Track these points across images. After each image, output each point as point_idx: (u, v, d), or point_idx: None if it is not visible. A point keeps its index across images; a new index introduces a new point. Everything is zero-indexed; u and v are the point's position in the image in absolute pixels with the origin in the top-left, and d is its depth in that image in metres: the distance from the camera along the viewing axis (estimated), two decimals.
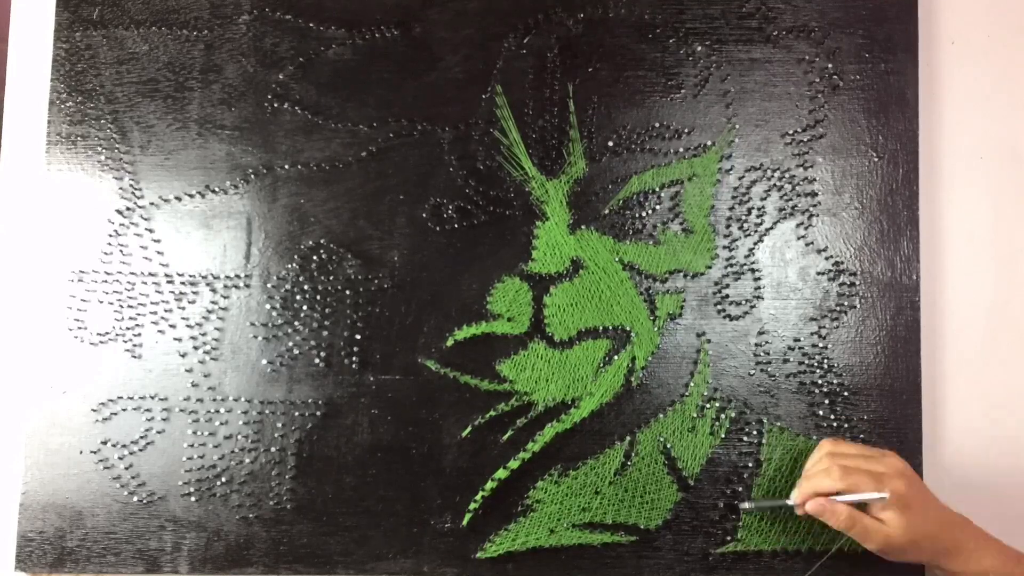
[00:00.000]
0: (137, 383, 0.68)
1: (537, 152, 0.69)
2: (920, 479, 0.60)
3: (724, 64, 0.69)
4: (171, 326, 0.68)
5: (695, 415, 0.67)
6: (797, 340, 0.68)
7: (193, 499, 0.67)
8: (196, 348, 0.68)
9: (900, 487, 0.58)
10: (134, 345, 0.68)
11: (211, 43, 0.70)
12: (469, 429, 0.67)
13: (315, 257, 0.68)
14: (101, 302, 0.69)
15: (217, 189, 0.69)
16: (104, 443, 0.67)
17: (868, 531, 0.59)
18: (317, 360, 0.68)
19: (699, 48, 0.70)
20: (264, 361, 0.68)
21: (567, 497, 0.67)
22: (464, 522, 0.66)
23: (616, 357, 0.67)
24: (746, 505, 0.65)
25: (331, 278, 0.68)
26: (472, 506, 0.66)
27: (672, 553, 0.66)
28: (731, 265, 0.68)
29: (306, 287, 0.68)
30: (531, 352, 0.67)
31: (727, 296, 0.68)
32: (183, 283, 0.69)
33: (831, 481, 0.59)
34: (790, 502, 0.62)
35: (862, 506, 0.59)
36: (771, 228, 0.68)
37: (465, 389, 0.67)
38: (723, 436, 0.67)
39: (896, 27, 0.69)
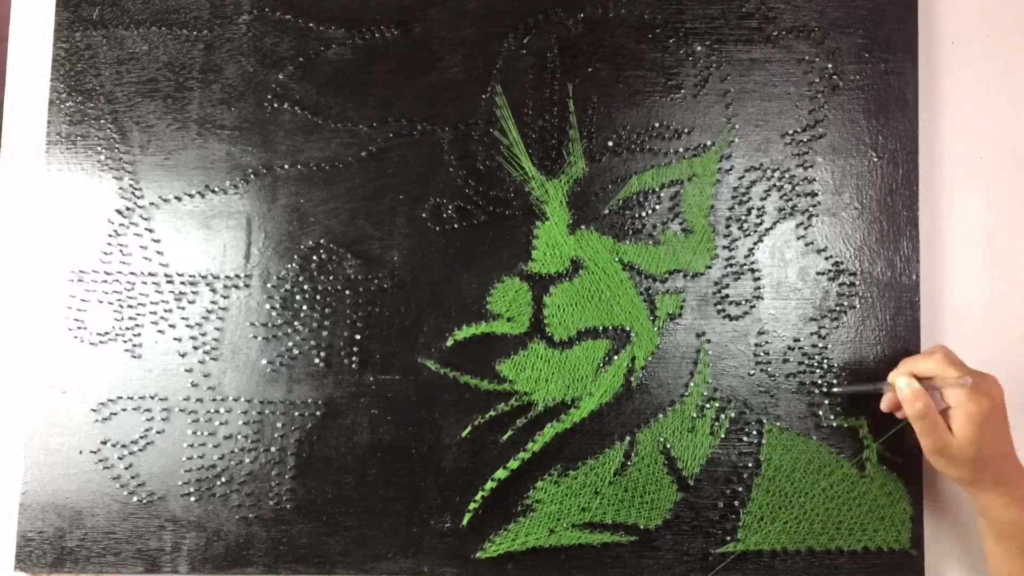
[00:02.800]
0: (137, 383, 0.68)
1: (537, 152, 0.69)
2: (1006, 415, 0.60)
3: (724, 64, 0.69)
4: (171, 326, 0.68)
5: (695, 415, 0.67)
6: (797, 340, 0.68)
7: (193, 499, 0.67)
8: (196, 348, 0.68)
9: (985, 403, 0.58)
10: (134, 345, 0.68)
11: (211, 43, 0.70)
12: (469, 429, 0.67)
13: (315, 257, 0.68)
14: (101, 302, 0.69)
15: (217, 189, 0.69)
16: (104, 443, 0.67)
17: (935, 428, 0.59)
18: (317, 360, 0.68)
19: (699, 48, 0.70)
20: (264, 361, 0.68)
21: (567, 497, 0.67)
22: (464, 522, 0.66)
23: (616, 357, 0.67)
24: (837, 389, 0.66)
25: (331, 278, 0.68)
26: (472, 506, 0.66)
27: (672, 553, 0.66)
28: (731, 265, 0.68)
29: (306, 287, 0.68)
30: (531, 352, 0.67)
31: (727, 296, 0.68)
32: (183, 283, 0.69)
33: (931, 363, 0.60)
34: (887, 381, 0.62)
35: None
36: (771, 228, 0.68)
37: (465, 389, 0.67)
38: (723, 436, 0.67)
39: (896, 27, 0.69)
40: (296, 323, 0.68)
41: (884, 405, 0.64)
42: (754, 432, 0.67)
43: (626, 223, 0.68)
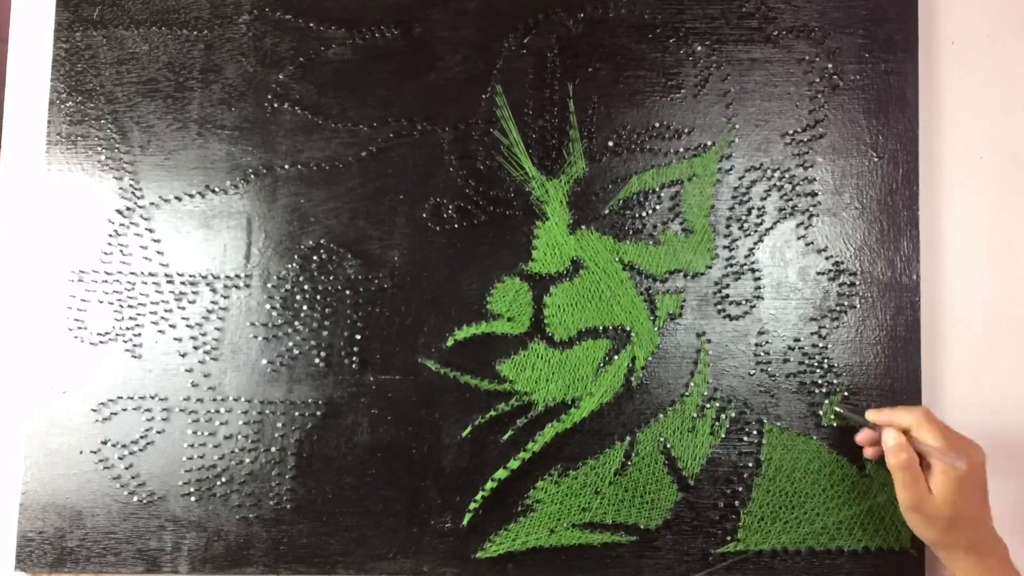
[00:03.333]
0: (137, 383, 0.68)
1: (537, 152, 0.69)
2: (984, 481, 0.60)
3: (724, 64, 0.69)
4: (171, 326, 0.68)
5: (695, 415, 0.67)
6: (797, 340, 0.68)
7: (193, 499, 0.67)
8: (196, 348, 0.68)
9: (966, 468, 0.58)
10: (134, 345, 0.68)
11: (211, 43, 0.70)
12: (469, 429, 0.67)
13: (315, 257, 0.68)
14: (101, 302, 0.69)
15: (217, 189, 0.69)
16: (104, 443, 0.67)
17: (915, 481, 0.58)
18: (317, 360, 0.68)
19: (699, 48, 0.70)
20: (264, 361, 0.68)
21: (567, 497, 0.67)
22: (464, 522, 0.66)
23: (616, 357, 0.67)
24: (837, 409, 0.66)
25: (331, 278, 0.68)
26: (472, 506, 0.66)
27: (672, 553, 0.66)
28: (731, 265, 0.68)
29: (306, 287, 0.68)
30: (531, 352, 0.67)
31: (727, 296, 0.68)
32: (183, 283, 0.69)
33: (912, 420, 0.60)
34: (868, 417, 0.63)
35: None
36: (771, 228, 0.68)
37: (465, 389, 0.67)
38: (723, 436, 0.67)
39: (896, 27, 0.69)
40: (296, 323, 0.68)
41: (859, 438, 0.64)
42: (754, 432, 0.67)
43: (626, 223, 0.68)
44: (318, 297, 0.68)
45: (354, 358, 0.68)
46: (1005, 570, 0.59)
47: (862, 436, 0.64)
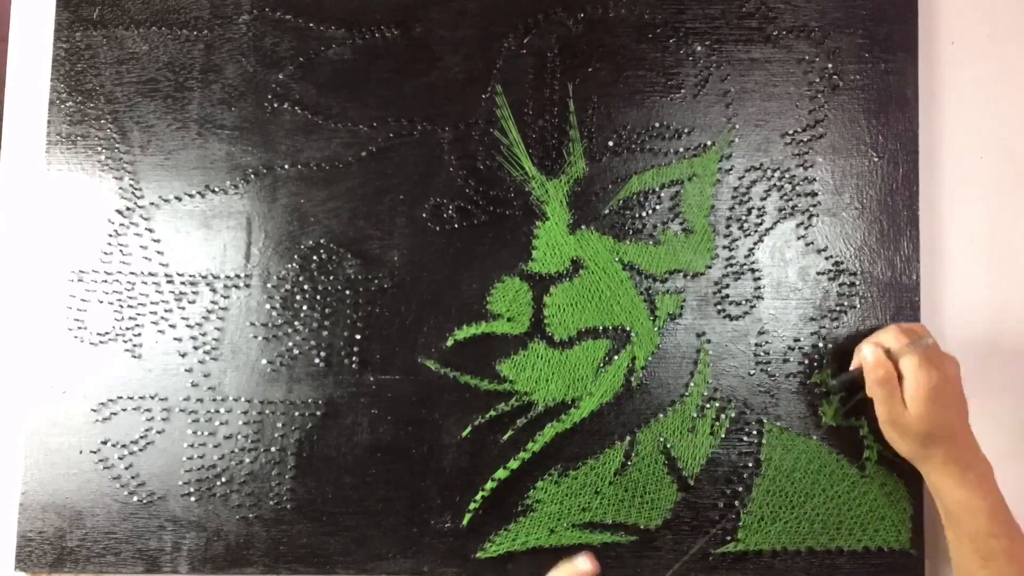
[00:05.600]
0: (137, 383, 0.68)
1: (537, 152, 0.69)
2: (963, 396, 0.61)
3: (724, 64, 0.69)
4: (171, 326, 0.68)
5: (695, 415, 0.67)
6: (797, 340, 0.68)
7: (193, 499, 0.67)
8: (196, 348, 0.68)
9: (935, 376, 0.58)
10: (134, 345, 0.68)
11: (211, 43, 0.70)
12: (469, 429, 0.67)
13: (315, 257, 0.68)
14: (101, 302, 0.69)
15: (217, 189, 0.69)
16: (104, 443, 0.67)
17: (891, 396, 0.60)
18: (317, 360, 0.68)
19: (699, 48, 0.70)
20: (264, 361, 0.68)
21: (567, 497, 0.67)
22: (464, 522, 0.66)
23: (616, 357, 0.67)
24: (833, 382, 0.66)
25: (331, 278, 0.68)
26: (472, 506, 0.66)
27: (672, 553, 0.66)
28: (731, 265, 0.68)
29: (306, 287, 0.68)
30: (531, 352, 0.67)
31: (727, 296, 0.68)
32: (183, 283, 0.69)
33: (890, 335, 0.61)
34: (854, 365, 0.64)
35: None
36: (771, 228, 0.68)
37: (465, 389, 0.67)
38: (723, 436, 0.67)
39: (896, 27, 0.69)
40: (296, 323, 0.68)
41: (856, 363, 0.65)
42: (754, 432, 0.67)
43: (626, 223, 0.68)
44: (318, 297, 0.68)
45: (354, 358, 0.68)
46: (983, 485, 0.59)
47: (854, 365, 0.65)
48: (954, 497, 0.60)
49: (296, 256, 0.69)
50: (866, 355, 0.61)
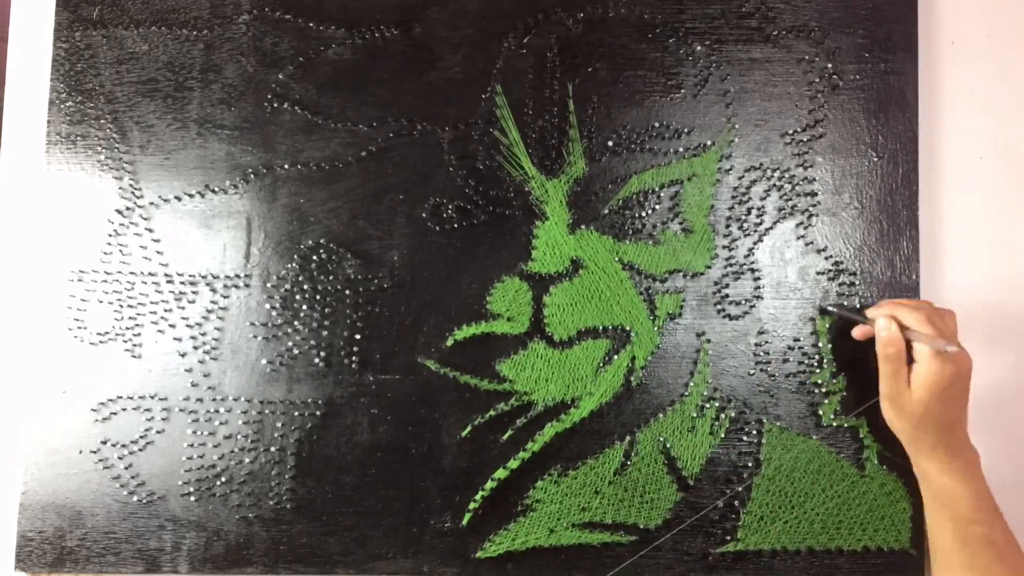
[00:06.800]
0: (137, 383, 0.68)
1: (537, 152, 0.69)
2: (967, 391, 0.61)
3: (724, 64, 0.69)
4: (171, 326, 0.68)
5: (695, 415, 0.67)
6: (797, 340, 0.68)
7: (193, 499, 0.67)
8: (196, 348, 0.68)
9: (948, 370, 0.58)
10: (134, 345, 0.68)
11: (211, 43, 0.70)
12: (469, 429, 0.67)
13: (315, 257, 0.68)
14: (101, 302, 0.69)
15: (217, 189, 0.69)
16: (104, 443, 0.67)
17: (896, 374, 0.60)
18: (317, 360, 0.68)
19: (699, 48, 0.70)
20: (264, 361, 0.68)
21: (567, 497, 0.67)
22: (464, 522, 0.66)
23: (616, 357, 0.67)
24: (830, 308, 0.67)
25: (331, 278, 0.68)
26: (472, 506, 0.66)
27: (672, 553, 0.66)
28: (731, 265, 0.68)
29: (306, 287, 0.68)
30: (531, 352, 0.67)
31: (727, 296, 0.68)
32: (183, 283, 0.69)
33: (913, 319, 0.60)
34: (867, 314, 0.64)
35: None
36: (771, 228, 0.68)
37: (465, 389, 0.67)
38: (723, 436, 0.67)
39: (896, 27, 0.69)
40: (296, 323, 0.68)
41: (856, 333, 0.65)
42: (754, 432, 0.67)
43: (626, 223, 0.68)
44: (318, 297, 0.68)
45: (354, 358, 0.68)
46: (969, 472, 0.60)
47: (859, 331, 0.65)
48: (939, 482, 0.61)
49: (296, 256, 0.69)
50: (880, 327, 0.61)
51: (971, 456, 0.61)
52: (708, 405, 0.67)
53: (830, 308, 0.67)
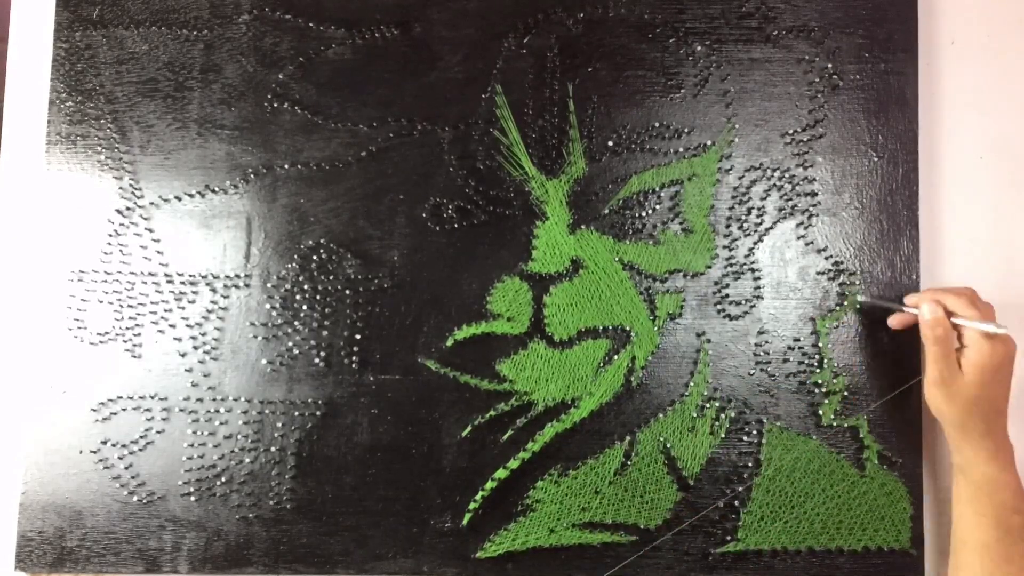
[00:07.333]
0: (137, 383, 0.68)
1: (537, 152, 0.69)
2: (1011, 374, 0.61)
3: (724, 64, 0.69)
4: (171, 326, 0.68)
5: (695, 415, 0.67)
6: (797, 340, 0.68)
7: (193, 499, 0.67)
8: (196, 348, 0.68)
9: (1000, 351, 0.59)
10: (134, 345, 0.68)
11: (211, 43, 0.70)
12: (469, 429, 0.67)
13: (315, 257, 0.68)
14: (101, 302, 0.69)
15: (217, 189, 0.69)
16: (104, 443, 0.67)
17: (946, 356, 0.60)
18: (317, 360, 0.68)
19: (699, 48, 0.70)
20: (264, 361, 0.68)
21: (567, 497, 0.67)
22: (464, 522, 0.66)
23: (616, 357, 0.67)
24: (861, 298, 0.66)
25: (331, 278, 0.68)
26: (472, 506, 0.66)
27: (672, 553, 0.66)
28: (731, 265, 0.68)
29: (306, 287, 0.68)
30: (531, 352, 0.67)
31: (727, 296, 0.68)
32: (183, 283, 0.69)
33: (959, 303, 0.60)
34: (907, 302, 0.64)
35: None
36: (771, 228, 0.68)
37: (465, 389, 0.67)
38: (723, 436, 0.67)
39: (896, 27, 0.69)
40: (296, 323, 0.68)
41: (892, 322, 0.65)
42: (754, 432, 0.67)
43: (626, 223, 0.68)
44: (318, 297, 0.68)
45: (354, 358, 0.68)
46: (1010, 463, 0.60)
47: (896, 319, 0.65)
48: (984, 471, 0.60)
49: (296, 256, 0.69)
50: (924, 312, 0.61)
51: (1010, 449, 0.61)
52: (708, 405, 0.67)
53: (865, 299, 0.67)
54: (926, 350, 0.61)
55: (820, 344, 0.67)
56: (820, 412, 0.67)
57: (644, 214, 0.68)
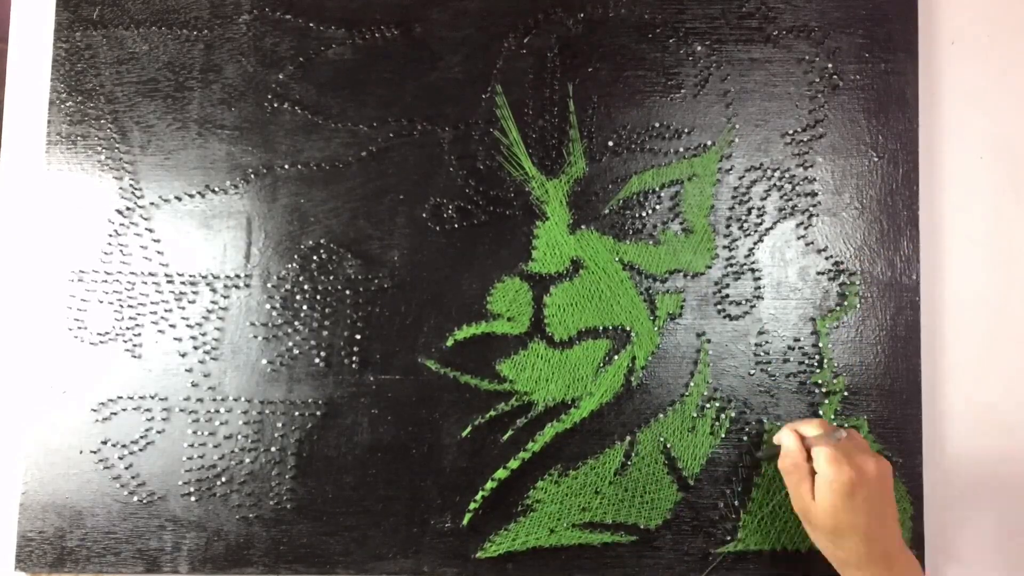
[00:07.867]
0: (137, 383, 0.68)
1: (537, 152, 0.69)
2: (888, 497, 0.58)
3: (724, 64, 0.69)
4: (171, 326, 0.68)
5: (695, 415, 0.67)
6: (797, 340, 0.68)
7: (193, 499, 0.67)
8: (196, 348, 0.68)
9: (846, 473, 0.55)
10: (134, 345, 0.68)
11: (211, 43, 0.70)
12: (469, 429, 0.67)
13: (315, 257, 0.68)
14: (101, 302, 0.69)
15: (217, 189, 0.69)
16: (104, 443, 0.67)
17: (797, 487, 0.58)
18: (317, 360, 0.68)
19: (699, 48, 0.70)
20: (264, 361, 0.68)
21: (567, 497, 0.67)
22: (464, 522, 0.66)
23: (616, 357, 0.67)
24: (759, 454, 0.65)
25: (331, 278, 0.68)
26: (472, 506, 0.66)
27: (672, 553, 0.66)
28: (731, 265, 0.68)
29: (306, 287, 0.68)
30: (531, 352, 0.67)
31: (727, 296, 0.68)
32: (183, 283, 0.69)
33: (811, 427, 0.60)
34: (774, 440, 0.63)
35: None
36: (771, 228, 0.68)
37: (465, 389, 0.67)
38: (723, 436, 0.67)
39: (896, 27, 0.69)
40: (296, 323, 0.68)
41: (761, 455, 0.66)
42: (754, 432, 0.67)
43: (626, 223, 0.68)
44: (318, 297, 0.68)
45: (354, 358, 0.68)
46: None
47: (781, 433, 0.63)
48: None
49: (296, 256, 0.69)
50: (782, 440, 0.61)
51: (909, 570, 0.57)
52: (708, 405, 0.67)
53: (759, 455, 0.66)
54: (784, 480, 0.60)
55: (820, 344, 0.67)
56: (820, 412, 0.67)
57: (644, 214, 0.68)
